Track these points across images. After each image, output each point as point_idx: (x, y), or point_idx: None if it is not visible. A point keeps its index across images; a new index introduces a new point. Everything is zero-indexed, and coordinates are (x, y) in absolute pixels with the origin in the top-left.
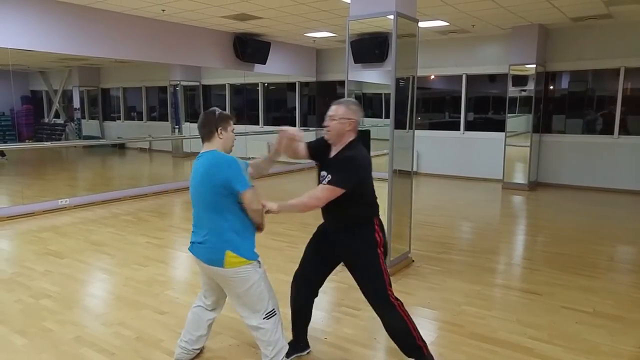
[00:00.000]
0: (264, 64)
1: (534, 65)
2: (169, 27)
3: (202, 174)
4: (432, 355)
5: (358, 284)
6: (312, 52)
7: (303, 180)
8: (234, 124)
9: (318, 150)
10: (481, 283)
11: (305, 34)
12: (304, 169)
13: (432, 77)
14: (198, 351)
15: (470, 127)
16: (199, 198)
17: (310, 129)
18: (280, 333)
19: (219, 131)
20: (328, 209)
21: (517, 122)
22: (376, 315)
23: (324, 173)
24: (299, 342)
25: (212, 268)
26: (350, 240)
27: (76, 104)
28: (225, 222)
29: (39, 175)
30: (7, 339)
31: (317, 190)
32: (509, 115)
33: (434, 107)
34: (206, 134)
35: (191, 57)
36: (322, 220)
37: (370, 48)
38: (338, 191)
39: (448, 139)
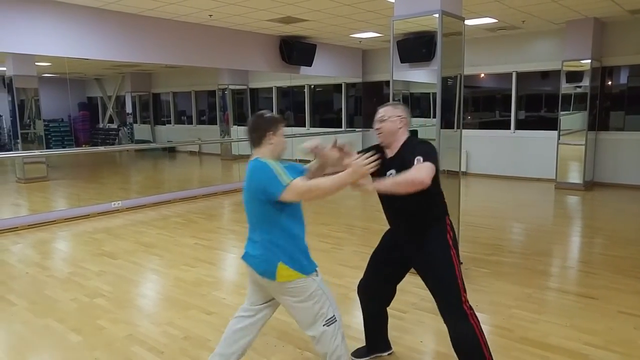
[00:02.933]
0: (310, 66)
1: (589, 61)
2: (216, 32)
3: (246, 185)
4: None
5: (429, 289)
6: (358, 53)
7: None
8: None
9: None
10: (532, 286)
11: (351, 35)
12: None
13: (482, 75)
14: None
15: (521, 125)
16: (248, 208)
17: (357, 130)
18: (341, 340)
19: (269, 136)
20: (398, 210)
21: (571, 119)
22: (425, 320)
23: (390, 172)
24: (373, 345)
25: (264, 280)
26: (423, 242)
27: (129, 109)
28: (277, 232)
29: (94, 179)
30: (63, 336)
31: (420, 170)
32: (562, 112)
33: (484, 105)
34: (256, 139)
35: (238, 61)
36: (370, 225)
37: (416, 47)
38: (433, 169)
39: (498, 138)
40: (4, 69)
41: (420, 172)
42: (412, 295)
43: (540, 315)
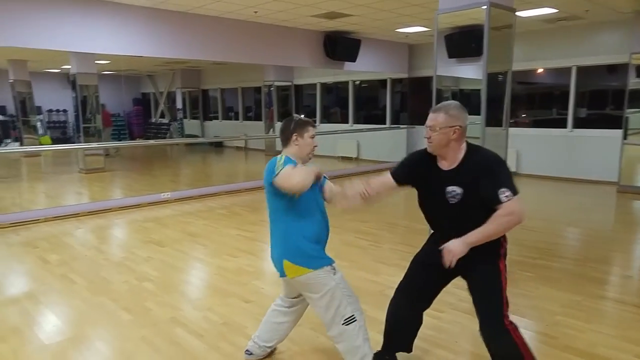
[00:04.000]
0: (354, 61)
1: None
2: (261, 28)
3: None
4: None
5: (472, 298)
6: (404, 48)
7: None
8: (323, 123)
9: (411, 174)
10: (582, 293)
11: (397, 30)
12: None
13: (540, 70)
14: (269, 349)
15: (581, 124)
16: (267, 201)
17: (402, 126)
18: (362, 340)
19: (294, 138)
20: (455, 222)
21: (638, 118)
22: (461, 321)
23: (452, 189)
24: (389, 352)
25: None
26: (472, 254)
27: (179, 104)
28: (283, 225)
29: (146, 171)
30: (115, 314)
31: (511, 206)
32: (628, 110)
33: (540, 103)
34: (283, 140)
35: (282, 57)
36: (412, 223)
37: (465, 42)
38: (519, 200)
39: (553, 137)
40: (69, 67)
41: (514, 214)
42: (450, 295)
43: (589, 324)
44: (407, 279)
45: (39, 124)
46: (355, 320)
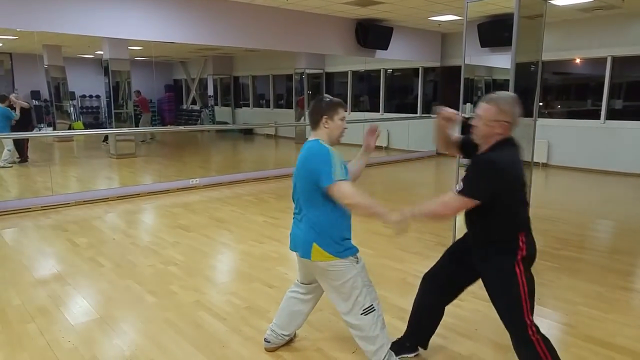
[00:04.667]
0: (386, 49)
1: None
2: (292, 15)
3: (299, 162)
4: None
5: (492, 303)
6: (437, 36)
7: (423, 168)
8: (354, 111)
9: (468, 146)
10: (605, 284)
11: (430, 18)
12: (423, 157)
13: (577, 60)
14: (288, 337)
15: (616, 115)
16: (296, 186)
17: (433, 116)
18: (380, 329)
19: (325, 120)
20: (469, 217)
21: None
22: (481, 309)
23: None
24: (410, 340)
25: (305, 260)
26: (486, 255)
27: (210, 91)
28: (318, 213)
29: (176, 157)
30: (141, 297)
31: (449, 198)
32: None
33: (576, 94)
34: (313, 122)
35: (314, 45)
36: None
37: (498, 31)
38: (469, 202)
39: (585, 128)
40: (102, 52)
41: (448, 202)
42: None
43: (610, 315)
44: (436, 267)
45: (72, 109)
46: (374, 310)
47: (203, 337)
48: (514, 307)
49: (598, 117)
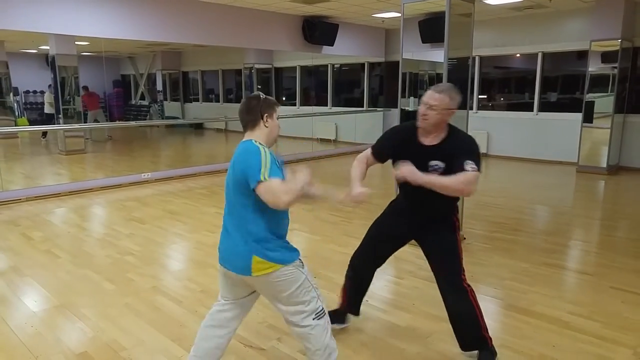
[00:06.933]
0: (332, 45)
1: (619, 41)
2: (241, 12)
3: (231, 165)
4: (495, 350)
5: (432, 266)
6: (381, 33)
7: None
8: (304, 105)
9: (394, 148)
10: (530, 261)
11: (373, 15)
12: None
13: (518, 55)
14: None
15: (548, 108)
16: (228, 190)
17: (379, 109)
18: (329, 335)
19: (265, 119)
20: (419, 196)
21: (598, 102)
22: (419, 286)
23: (435, 163)
24: (349, 308)
25: (243, 277)
26: (433, 222)
27: (159, 86)
28: (253, 219)
29: (127, 152)
30: (99, 284)
31: (472, 177)
32: (588, 95)
33: (516, 87)
34: (250, 122)
35: (262, 41)
36: (384, 201)
37: (437, 28)
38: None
39: (521, 120)
40: (47, 48)
41: (471, 185)
42: (409, 264)
43: (532, 287)
44: (363, 247)
45: (15, 105)
46: (325, 314)
47: (162, 318)
48: (456, 264)
49: (532, 109)
